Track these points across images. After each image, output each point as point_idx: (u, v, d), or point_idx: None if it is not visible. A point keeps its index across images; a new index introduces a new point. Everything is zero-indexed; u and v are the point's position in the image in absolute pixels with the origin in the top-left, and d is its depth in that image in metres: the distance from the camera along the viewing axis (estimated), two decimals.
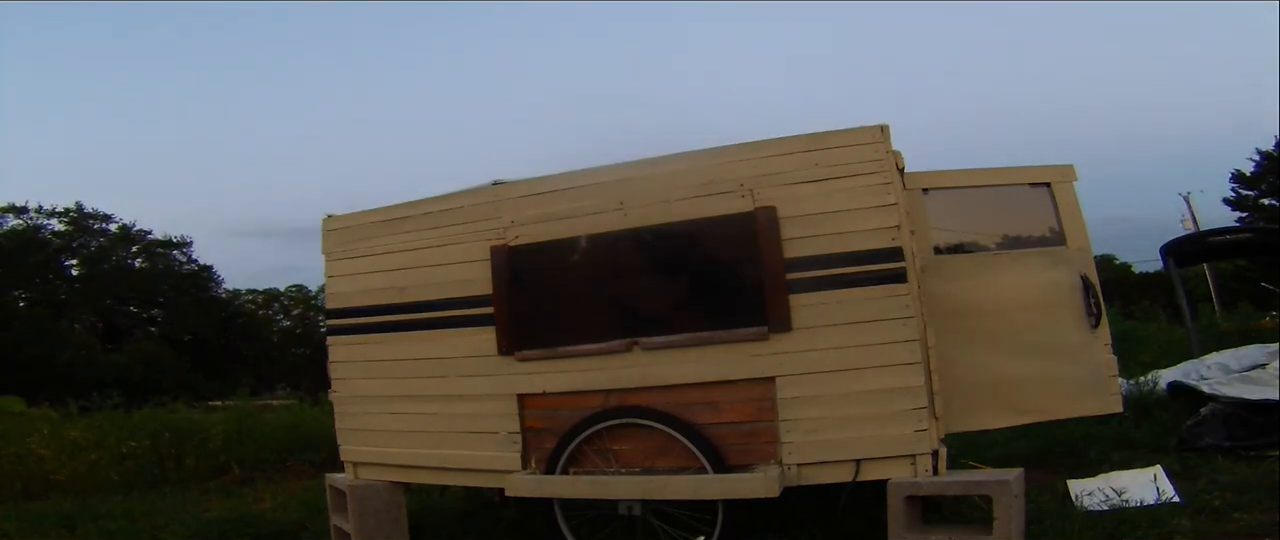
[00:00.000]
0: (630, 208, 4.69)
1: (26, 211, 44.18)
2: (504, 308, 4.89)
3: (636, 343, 4.62)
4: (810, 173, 4.38)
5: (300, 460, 9.99)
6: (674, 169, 4.68)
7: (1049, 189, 4.78)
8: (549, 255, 4.86)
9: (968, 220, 4.98)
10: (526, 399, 4.87)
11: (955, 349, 4.50)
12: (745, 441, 4.42)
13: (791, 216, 4.38)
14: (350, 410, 5.47)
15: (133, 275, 46.44)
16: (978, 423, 4.76)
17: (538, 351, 4.83)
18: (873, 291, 4.22)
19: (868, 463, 4.22)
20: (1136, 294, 28.46)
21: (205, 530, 6.48)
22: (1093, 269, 4.70)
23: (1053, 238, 4.78)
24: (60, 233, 45.73)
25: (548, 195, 4.90)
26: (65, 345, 38.38)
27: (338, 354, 5.53)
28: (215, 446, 10.15)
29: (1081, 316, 4.61)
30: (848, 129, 4.37)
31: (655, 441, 4.57)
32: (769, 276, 4.37)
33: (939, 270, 4.68)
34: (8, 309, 39.48)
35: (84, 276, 45.98)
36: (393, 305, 5.28)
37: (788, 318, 4.33)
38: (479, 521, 5.92)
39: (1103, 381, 4.59)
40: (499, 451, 4.90)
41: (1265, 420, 6.07)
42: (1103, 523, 4.54)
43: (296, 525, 6.55)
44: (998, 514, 4.00)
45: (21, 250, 42.12)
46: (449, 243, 5.12)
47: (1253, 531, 4.31)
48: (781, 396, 4.34)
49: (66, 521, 7.20)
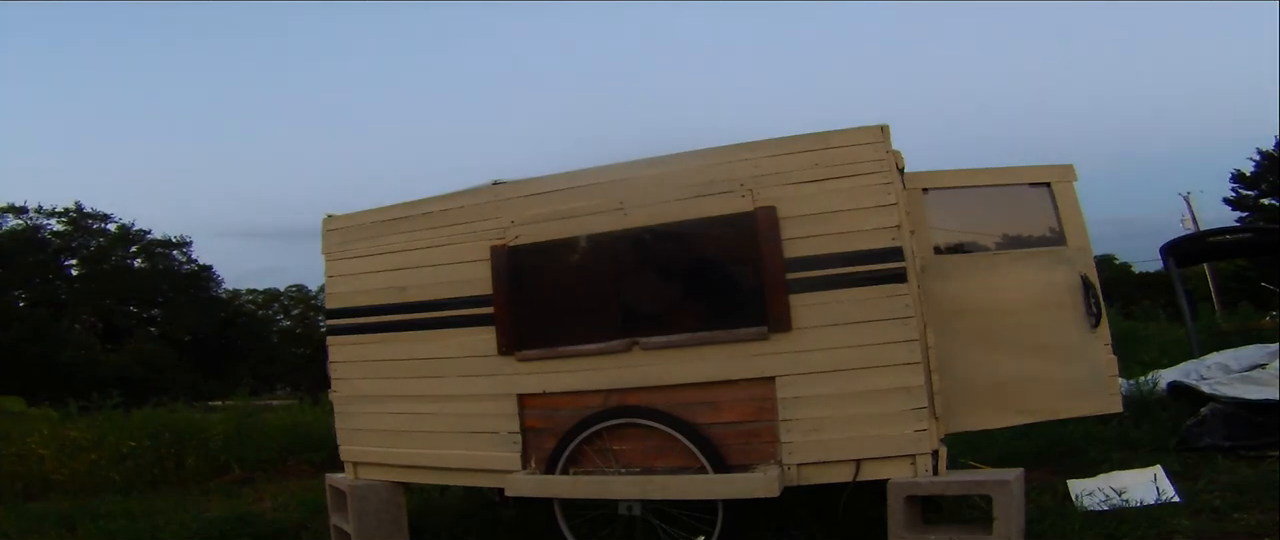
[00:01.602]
0: (630, 208, 4.68)
1: (26, 211, 44.26)
2: (504, 308, 4.89)
3: (636, 343, 4.62)
4: (810, 173, 4.38)
5: (300, 460, 9.99)
6: (674, 169, 4.67)
7: (1049, 189, 4.78)
8: (549, 255, 4.86)
9: (968, 220, 4.98)
10: (526, 399, 4.86)
11: (955, 349, 4.50)
12: (745, 441, 4.42)
13: (791, 216, 4.38)
14: (350, 410, 5.47)
15: (133, 275, 46.47)
16: (978, 423, 4.76)
17: (538, 351, 4.83)
18: (873, 291, 4.22)
19: (868, 463, 4.22)
20: (1136, 294, 28.45)
21: (205, 530, 6.47)
22: (1093, 269, 4.69)
23: (1053, 238, 4.77)
24: (60, 233, 45.79)
25: (548, 195, 4.90)
26: (65, 345, 38.41)
27: (338, 354, 5.53)
28: (215, 446, 10.14)
29: (1081, 316, 4.61)
30: (848, 129, 4.37)
31: (655, 441, 4.57)
32: (769, 276, 4.37)
33: (939, 270, 4.68)
34: (8, 309, 39.49)
35: (84, 276, 46.01)
36: (393, 305, 5.28)
37: (788, 318, 4.33)
38: (479, 521, 5.92)
39: (1103, 381, 4.59)
40: (499, 451, 4.89)
41: (1265, 420, 6.06)
42: (1103, 523, 4.54)
43: (296, 525, 6.55)
44: (998, 514, 4.00)
45: (21, 250, 42.13)
46: (449, 243, 5.12)
47: (1253, 531, 4.31)
48: (781, 396, 4.34)
49: (66, 521, 7.19)
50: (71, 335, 41.47)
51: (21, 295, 42.89)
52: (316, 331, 46.42)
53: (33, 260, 43.15)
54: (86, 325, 45.04)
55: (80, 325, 44.50)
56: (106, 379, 23.19)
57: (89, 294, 45.18)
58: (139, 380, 30.33)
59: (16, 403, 20.91)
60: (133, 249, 47.66)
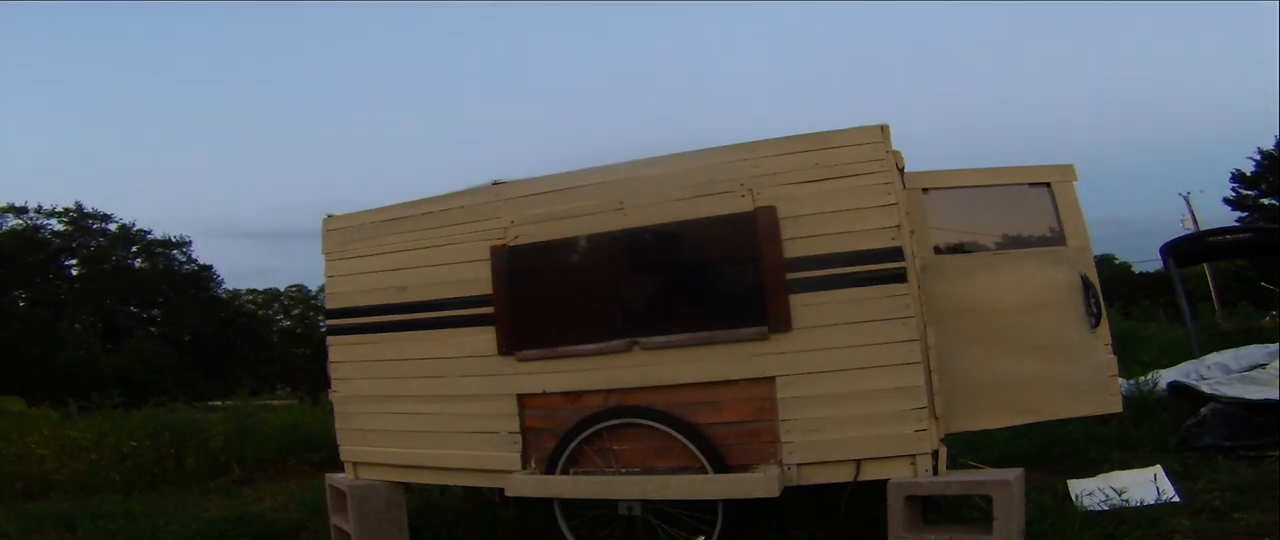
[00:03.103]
0: (630, 208, 4.68)
1: (26, 211, 44.27)
2: (504, 308, 4.89)
3: (636, 343, 4.62)
4: (810, 173, 4.38)
5: (300, 460, 9.99)
6: (674, 169, 4.68)
7: (1049, 189, 4.78)
8: (549, 255, 4.86)
9: (968, 220, 4.98)
10: (526, 399, 4.86)
11: (955, 349, 4.50)
12: (745, 441, 4.42)
13: (791, 216, 4.38)
14: (350, 410, 5.47)
15: (133, 275, 46.49)
16: (978, 423, 4.76)
17: (538, 351, 4.83)
18: (873, 291, 4.22)
19: (868, 463, 4.22)
20: (1136, 294, 28.44)
21: (205, 530, 6.47)
22: (1093, 269, 4.70)
23: (1053, 238, 4.78)
24: (60, 233, 45.80)
25: (548, 195, 4.90)
26: (65, 345, 38.39)
27: (338, 354, 5.53)
28: (215, 446, 10.15)
29: (1081, 316, 4.61)
30: (848, 129, 4.37)
31: (655, 441, 4.57)
32: (769, 276, 4.37)
33: (939, 270, 4.68)
34: (8, 309, 39.50)
35: (84, 276, 46.02)
36: (393, 305, 5.28)
37: (788, 318, 4.33)
38: (479, 521, 5.92)
39: (1103, 381, 4.59)
40: (499, 451, 4.89)
41: (1265, 420, 6.07)
42: (1103, 523, 4.54)
43: (296, 525, 6.55)
44: (998, 514, 4.00)
45: (21, 250, 42.13)
46: (449, 243, 5.12)
47: (1253, 531, 4.31)
48: (781, 396, 4.34)
49: (66, 521, 7.19)
50: (71, 335, 41.47)
51: (21, 295, 42.89)
52: (316, 331, 46.42)
53: (33, 260, 43.15)
54: (86, 325, 45.05)
55: (80, 325, 44.51)
56: (106, 379, 23.18)
57: (89, 294, 45.18)
58: (139, 380, 30.32)
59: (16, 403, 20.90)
60: (133, 249, 47.69)
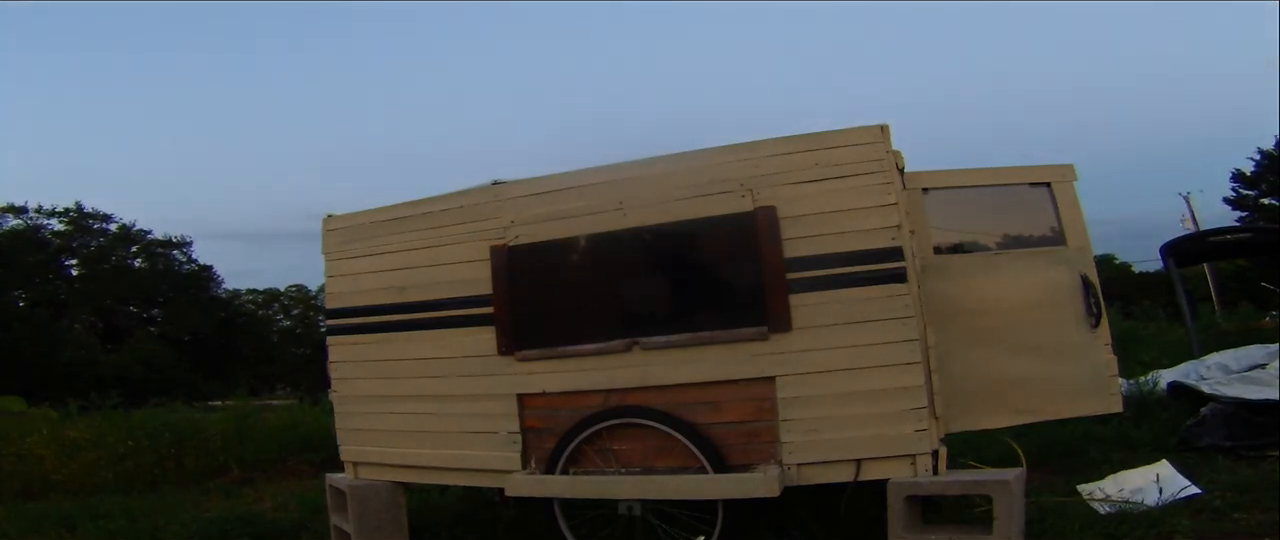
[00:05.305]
0: (630, 208, 4.68)
1: (26, 211, 44.29)
2: (504, 308, 4.89)
3: (636, 343, 4.61)
4: (810, 173, 4.38)
5: (300, 460, 9.99)
6: (674, 169, 4.67)
7: (1049, 189, 4.78)
8: (549, 255, 4.86)
9: (968, 220, 4.98)
10: (526, 399, 4.86)
11: (955, 349, 4.50)
12: (745, 441, 4.42)
13: (791, 216, 4.38)
14: (350, 410, 5.47)
15: (133, 275, 46.51)
16: (978, 423, 4.76)
17: (537, 351, 4.83)
18: (873, 291, 4.22)
19: (868, 462, 4.21)
20: (1136, 294, 28.43)
21: (205, 530, 6.47)
22: (1093, 269, 4.69)
23: (1053, 238, 4.77)
24: (60, 233, 45.81)
25: (548, 195, 4.90)
26: (65, 345, 38.41)
27: (338, 354, 5.53)
28: (215, 446, 10.15)
29: (1081, 316, 4.61)
30: (848, 129, 4.37)
31: (655, 441, 4.56)
32: (769, 276, 4.37)
33: (939, 270, 4.68)
34: (8, 309, 39.50)
35: (84, 276, 46.02)
36: (393, 305, 5.28)
37: (788, 318, 4.33)
38: (479, 521, 5.92)
39: (1103, 381, 4.59)
40: (499, 451, 4.89)
41: (1265, 420, 6.06)
42: (1103, 522, 4.54)
43: (296, 525, 6.54)
44: (998, 514, 4.00)
45: (21, 250, 42.13)
46: (449, 243, 5.12)
47: (1253, 531, 4.31)
48: (781, 396, 4.34)
49: (66, 521, 7.19)
50: (71, 335, 41.49)
51: (21, 295, 42.90)
52: (316, 331, 46.47)
53: (33, 260, 43.15)
54: (86, 325, 45.06)
55: (80, 325, 44.52)
56: (106, 379, 23.21)
57: (89, 294, 45.18)
58: (139, 380, 30.36)
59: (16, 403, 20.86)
60: (133, 249, 47.70)
